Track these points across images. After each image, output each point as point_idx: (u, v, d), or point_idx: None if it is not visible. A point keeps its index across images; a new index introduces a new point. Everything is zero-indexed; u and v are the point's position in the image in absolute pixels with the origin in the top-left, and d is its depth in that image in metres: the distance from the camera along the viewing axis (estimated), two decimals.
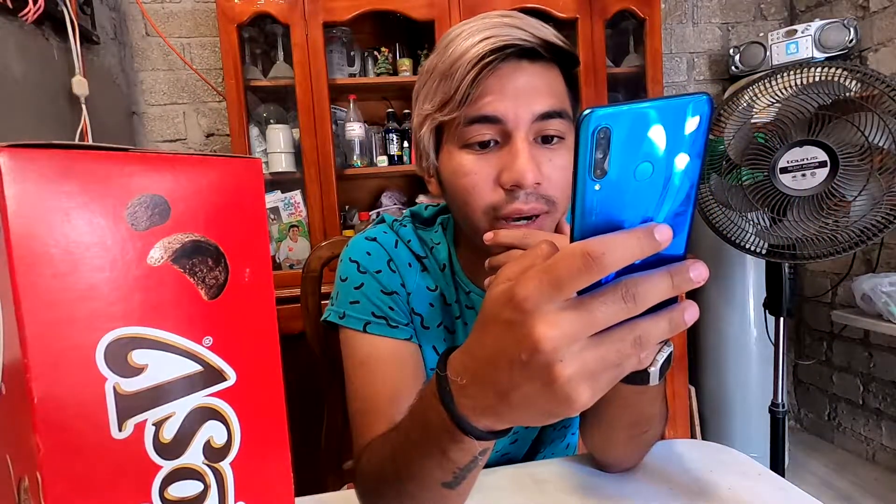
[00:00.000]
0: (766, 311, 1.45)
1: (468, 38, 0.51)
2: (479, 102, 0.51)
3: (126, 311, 0.26)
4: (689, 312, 0.26)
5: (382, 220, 0.70)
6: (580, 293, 0.26)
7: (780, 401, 1.43)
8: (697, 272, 0.25)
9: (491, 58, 0.49)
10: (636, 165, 0.24)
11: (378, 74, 1.77)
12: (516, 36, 0.50)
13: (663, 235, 0.24)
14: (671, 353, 0.42)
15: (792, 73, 1.21)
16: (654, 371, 0.41)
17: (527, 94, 0.51)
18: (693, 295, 1.95)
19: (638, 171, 0.24)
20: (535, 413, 0.29)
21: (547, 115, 0.52)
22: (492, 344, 0.29)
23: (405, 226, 0.68)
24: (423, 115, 0.55)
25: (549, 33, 0.52)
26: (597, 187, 0.24)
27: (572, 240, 0.25)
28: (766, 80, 1.25)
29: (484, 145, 0.52)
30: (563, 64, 0.55)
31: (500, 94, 0.51)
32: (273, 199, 1.76)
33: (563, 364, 0.26)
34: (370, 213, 1.85)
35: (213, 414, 0.29)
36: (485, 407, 0.32)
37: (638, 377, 0.41)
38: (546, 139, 0.53)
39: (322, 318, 0.66)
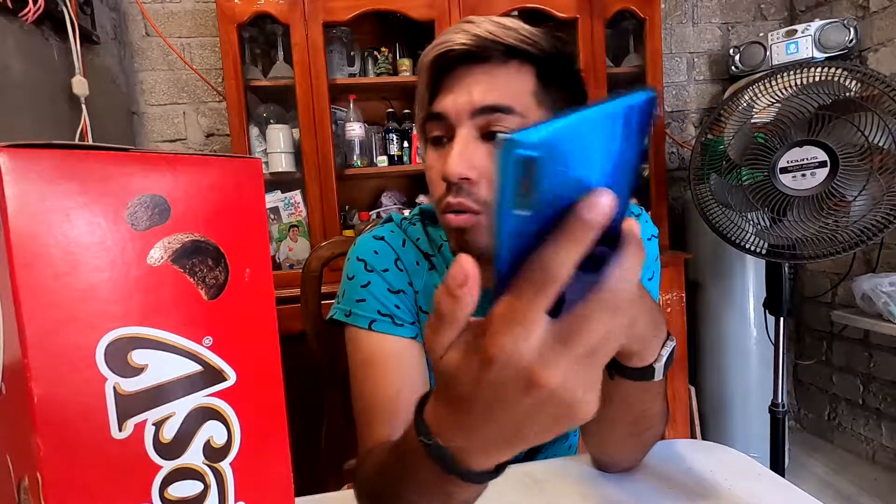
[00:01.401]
0: (766, 311, 1.45)
1: (431, 45, 0.55)
2: (435, 101, 0.55)
3: (126, 311, 0.26)
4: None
5: (391, 219, 0.70)
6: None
7: (780, 401, 1.43)
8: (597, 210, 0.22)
9: (439, 61, 0.54)
10: (568, 185, 0.21)
11: (378, 74, 1.77)
12: (461, 41, 0.52)
13: (596, 211, 0.22)
14: (674, 347, 0.42)
15: (792, 73, 1.21)
16: (659, 366, 0.41)
17: (468, 90, 0.52)
18: (693, 295, 1.95)
19: (568, 189, 0.22)
20: (549, 435, 0.28)
21: (489, 109, 0.52)
22: (482, 403, 0.27)
23: (414, 224, 0.68)
24: (416, 116, 0.60)
25: (515, 35, 0.53)
26: (521, 215, 0.21)
27: (496, 265, 0.23)
28: (766, 80, 1.25)
29: (437, 141, 0.56)
30: (538, 65, 0.55)
31: (452, 91, 0.53)
32: (273, 199, 1.76)
33: (572, 391, 0.25)
34: (370, 213, 1.85)
35: (213, 414, 0.29)
36: (491, 455, 0.30)
37: (640, 373, 0.41)
38: (493, 136, 0.53)
39: (328, 317, 0.66)
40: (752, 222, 1.32)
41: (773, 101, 1.26)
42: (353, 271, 0.65)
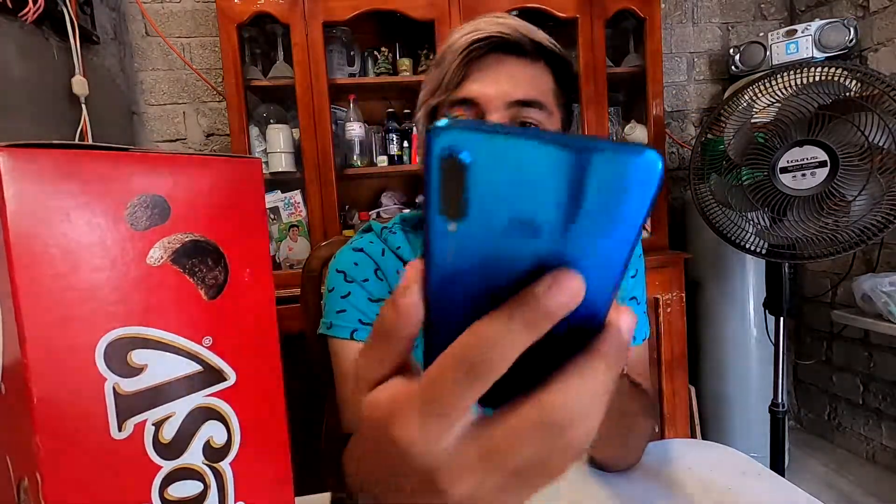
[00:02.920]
0: (766, 311, 1.45)
1: (460, 32, 0.56)
2: (461, 87, 0.55)
3: (126, 311, 0.26)
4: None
5: (370, 229, 0.69)
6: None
7: (780, 400, 1.43)
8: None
9: (474, 47, 0.53)
10: (516, 213, 0.16)
11: (378, 74, 1.77)
12: (498, 31, 0.54)
13: (564, 291, 0.16)
14: None
15: (792, 72, 1.21)
16: None
17: (504, 81, 0.54)
18: (693, 295, 1.95)
19: (518, 221, 0.16)
20: None
21: (522, 103, 0.54)
22: (384, 471, 0.21)
23: (394, 233, 0.67)
24: (420, 102, 0.59)
25: (539, 34, 0.56)
26: (451, 228, 0.17)
27: (424, 285, 0.19)
28: (766, 80, 1.25)
29: None
30: (555, 66, 0.58)
31: (480, 81, 0.54)
32: (273, 199, 1.76)
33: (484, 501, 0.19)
34: (370, 213, 1.85)
35: (212, 414, 0.29)
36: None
37: None
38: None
39: (317, 332, 0.66)
40: (752, 222, 1.32)
41: (773, 100, 1.26)
42: (332, 283, 0.64)
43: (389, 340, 0.20)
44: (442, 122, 0.15)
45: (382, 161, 1.77)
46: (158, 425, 0.27)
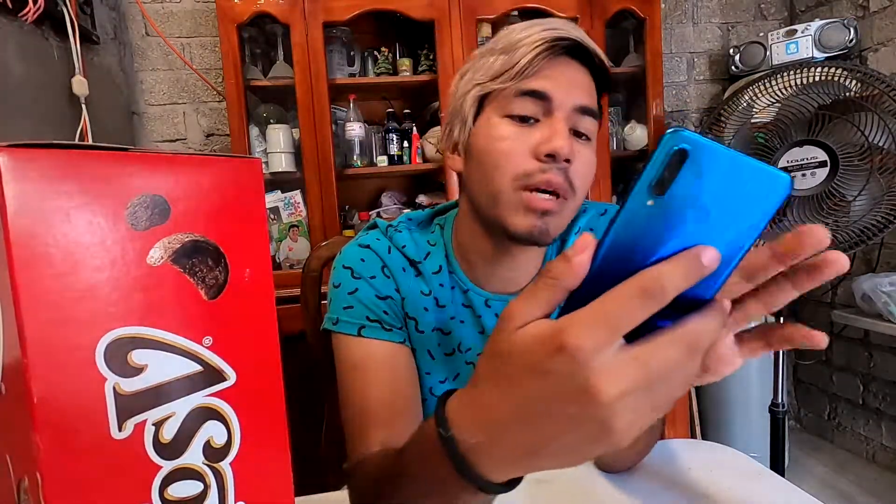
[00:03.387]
0: None
1: (531, 27, 0.56)
2: (533, 79, 0.55)
3: (126, 311, 0.26)
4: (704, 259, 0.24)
5: (375, 226, 0.69)
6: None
7: (780, 400, 1.44)
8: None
9: (552, 43, 0.55)
10: (695, 203, 0.23)
11: (378, 74, 1.77)
12: (574, 35, 0.55)
13: (710, 259, 0.23)
14: None
15: (792, 73, 1.21)
16: None
17: (574, 85, 0.56)
18: None
19: (693, 210, 0.23)
20: (573, 459, 0.27)
21: (585, 110, 0.56)
22: (524, 396, 0.26)
23: (400, 231, 0.67)
24: (473, 84, 0.59)
25: (596, 47, 0.57)
26: (649, 202, 0.23)
27: (598, 248, 0.24)
28: (766, 80, 1.25)
29: (525, 119, 0.56)
30: (599, 80, 0.60)
31: (553, 77, 0.55)
32: (273, 198, 1.76)
33: (620, 416, 0.24)
34: (370, 213, 1.85)
35: (212, 414, 0.29)
36: (510, 463, 0.28)
37: None
38: (577, 134, 0.56)
39: (321, 328, 0.66)
40: None
41: (773, 100, 1.26)
42: (339, 279, 0.64)
43: (553, 289, 0.25)
44: (681, 128, 0.23)
45: (382, 161, 1.77)
46: (158, 425, 0.27)
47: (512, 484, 0.31)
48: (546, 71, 0.55)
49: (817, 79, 1.18)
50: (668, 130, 0.23)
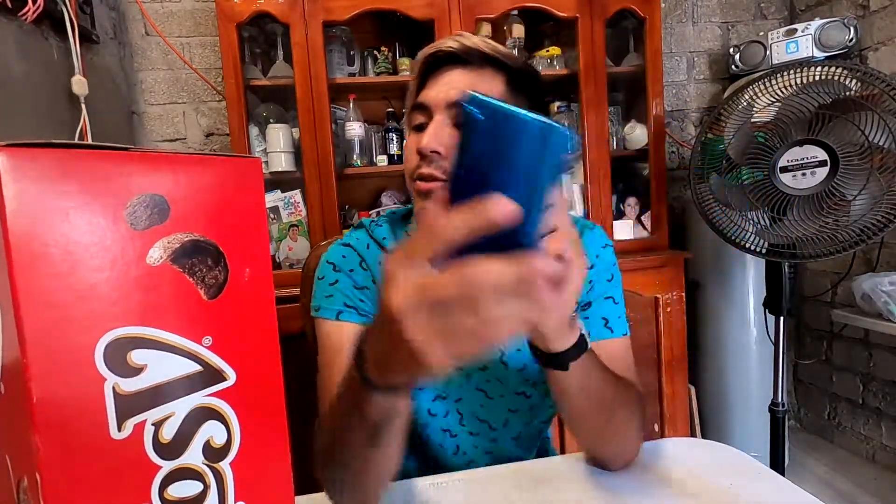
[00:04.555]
0: (766, 311, 1.45)
1: (425, 49, 0.67)
2: (420, 93, 0.67)
3: (126, 310, 0.26)
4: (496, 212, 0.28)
5: (361, 225, 0.77)
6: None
7: (779, 400, 1.43)
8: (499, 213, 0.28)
9: (427, 61, 0.65)
10: (490, 157, 0.28)
11: (378, 74, 1.77)
12: (448, 46, 0.64)
13: (500, 211, 0.27)
14: (582, 339, 0.46)
15: (792, 72, 1.21)
16: (574, 342, 0.46)
17: (447, 86, 0.64)
18: (693, 294, 1.95)
19: (489, 163, 0.28)
20: (408, 368, 0.31)
21: (457, 105, 0.62)
22: (381, 317, 0.32)
23: (380, 225, 0.75)
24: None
25: (487, 46, 0.64)
26: (460, 160, 0.28)
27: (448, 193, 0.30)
28: (766, 80, 1.25)
29: (418, 128, 0.66)
30: (507, 72, 0.65)
31: (430, 88, 0.65)
32: (273, 198, 1.76)
33: (409, 325, 0.29)
34: (370, 213, 1.85)
35: (212, 414, 0.29)
36: (376, 363, 0.36)
37: (549, 359, 0.47)
38: None
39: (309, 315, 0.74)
40: (752, 221, 1.32)
41: (773, 100, 1.26)
42: (322, 273, 0.73)
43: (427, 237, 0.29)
44: (476, 94, 0.28)
45: (382, 161, 1.77)
46: (158, 425, 0.27)
47: (394, 389, 0.38)
48: (428, 83, 0.66)
49: (817, 78, 1.18)
50: (464, 94, 0.28)
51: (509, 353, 0.70)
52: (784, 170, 1.23)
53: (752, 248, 1.33)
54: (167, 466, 0.27)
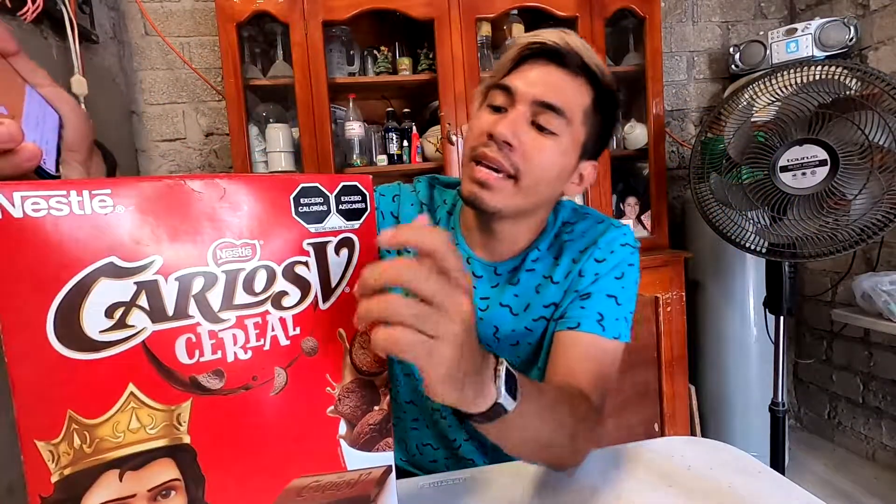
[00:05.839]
0: (766, 310, 1.44)
1: (528, 35, 0.64)
2: (508, 76, 0.64)
3: None
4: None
5: (420, 181, 0.81)
6: None
7: (780, 399, 1.43)
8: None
9: (530, 47, 0.63)
10: None
11: (378, 73, 1.77)
12: (553, 40, 0.62)
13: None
14: (506, 376, 0.40)
15: (792, 71, 1.21)
16: (505, 401, 0.40)
17: (541, 82, 0.62)
18: (693, 294, 1.95)
19: None
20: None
21: (545, 105, 0.61)
22: None
23: (420, 182, 0.79)
24: (482, 83, 0.69)
25: (589, 55, 0.63)
26: None
27: None
28: (766, 79, 1.25)
29: (497, 109, 0.64)
30: (597, 88, 0.64)
31: (521, 77, 0.63)
32: None
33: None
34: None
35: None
36: None
37: (486, 416, 0.40)
38: (540, 128, 0.62)
39: None
40: (752, 221, 1.32)
41: (774, 99, 1.25)
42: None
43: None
44: None
45: (382, 160, 1.77)
46: None
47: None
48: (521, 69, 0.63)
49: (817, 77, 1.18)
50: None
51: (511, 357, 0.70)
52: (784, 169, 1.23)
53: (752, 247, 1.33)
54: None
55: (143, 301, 0.29)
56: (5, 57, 0.35)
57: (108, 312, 0.29)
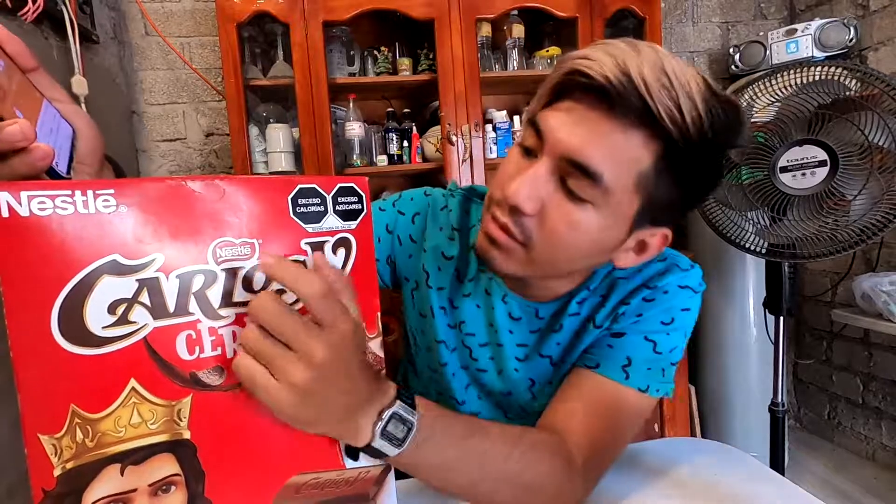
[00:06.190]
0: (766, 311, 1.44)
1: (580, 51, 0.46)
2: (545, 109, 0.49)
3: None
4: None
5: (458, 196, 0.70)
6: None
7: (779, 400, 1.43)
8: None
9: (575, 79, 0.45)
10: None
11: (378, 74, 1.77)
12: (604, 70, 0.43)
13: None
14: (390, 422, 0.37)
15: (792, 72, 1.21)
16: (382, 444, 0.37)
17: (573, 131, 0.45)
18: None
19: None
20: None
21: (574, 164, 0.45)
22: None
23: (455, 196, 0.69)
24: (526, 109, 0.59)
25: (658, 90, 0.42)
26: None
27: None
28: (765, 80, 1.25)
29: (528, 152, 0.50)
30: (669, 144, 0.44)
31: (558, 116, 0.47)
32: None
33: None
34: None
35: None
36: None
37: (366, 452, 0.38)
38: (570, 192, 0.47)
39: None
40: (751, 221, 1.32)
41: (773, 100, 1.26)
42: (402, 203, 0.74)
43: None
44: None
45: (382, 161, 1.77)
46: None
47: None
48: (561, 103, 0.47)
49: (817, 78, 1.18)
50: None
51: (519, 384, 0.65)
52: (784, 170, 1.23)
53: (752, 248, 1.33)
54: None
55: (144, 298, 0.30)
56: (25, 72, 0.36)
57: (111, 308, 0.29)
